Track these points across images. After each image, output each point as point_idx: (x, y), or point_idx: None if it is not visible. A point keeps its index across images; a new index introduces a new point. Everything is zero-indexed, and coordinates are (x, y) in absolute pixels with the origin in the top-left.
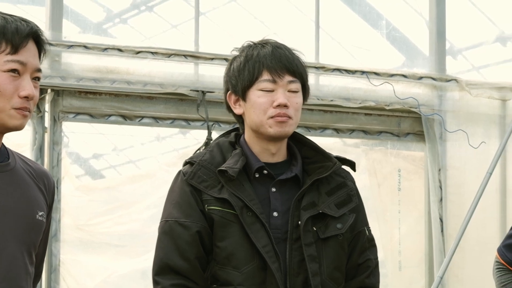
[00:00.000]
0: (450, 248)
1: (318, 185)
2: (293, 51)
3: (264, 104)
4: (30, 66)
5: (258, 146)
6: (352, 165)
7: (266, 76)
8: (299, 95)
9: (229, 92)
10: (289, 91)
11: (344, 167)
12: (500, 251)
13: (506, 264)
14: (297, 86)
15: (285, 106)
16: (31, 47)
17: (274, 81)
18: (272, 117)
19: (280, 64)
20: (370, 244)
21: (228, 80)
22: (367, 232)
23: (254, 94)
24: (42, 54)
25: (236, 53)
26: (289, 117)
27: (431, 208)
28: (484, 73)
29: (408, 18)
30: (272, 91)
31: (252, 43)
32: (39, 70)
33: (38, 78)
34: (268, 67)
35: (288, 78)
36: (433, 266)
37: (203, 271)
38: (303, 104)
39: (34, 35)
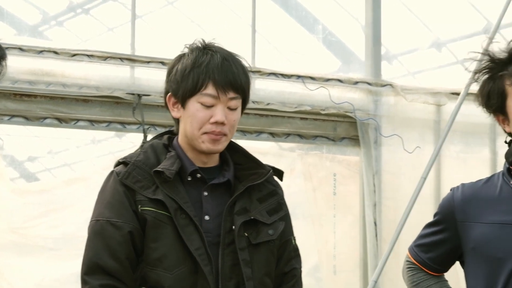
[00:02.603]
0: (385, 253)
1: (250, 191)
2: (240, 61)
3: (202, 118)
4: None
5: (191, 152)
6: (280, 174)
7: (210, 90)
8: (238, 111)
9: (169, 94)
10: (228, 107)
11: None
12: (411, 250)
13: (418, 264)
14: (237, 103)
15: (222, 123)
16: None
17: (216, 97)
18: (206, 133)
19: (226, 79)
20: (295, 253)
21: (170, 82)
22: (293, 241)
23: (194, 106)
24: None
25: (186, 50)
26: (224, 135)
27: (366, 212)
28: (419, 78)
29: (344, 23)
30: (212, 106)
31: (201, 46)
32: None
33: None
34: (214, 81)
35: (231, 94)
36: (368, 270)
37: (133, 272)
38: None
39: None
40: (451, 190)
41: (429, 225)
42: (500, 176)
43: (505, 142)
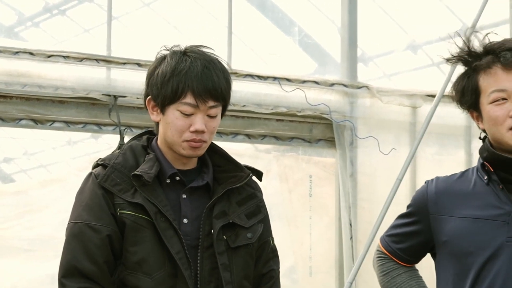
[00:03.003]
0: (360, 254)
1: (230, 194)
2: (220, 65)
3: (181, 126)
4: None
5: (170, 155)
6: (259, 175)
7: (189, 99)
8: (218, 118)
9: (149, 97)
10: (208, 115)
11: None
12: (383, 240)
13: (388, 254)
14: (217, 110)
15: (202, 131)
16: None
17: (196, 106)
18: (186, 141)
19: (205, 89)
20: (273, 254)
21: (150, 86)
22: (271, 242)
23: (173, 113)
24: None
25: (165, 52)
26: (204, 142)
27: (342, 214)
28: (395, 80)
29: (320, 25)
30: (191, 114)
31: (183, 50)
32: None
33: None
34: (192, 91)
35: (210, 103)
36: (343, 271)
37: (111, 276)
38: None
39: None
40: (425, 182)
41: (401, 216)
42: (474, 171)
43: (479, 138)
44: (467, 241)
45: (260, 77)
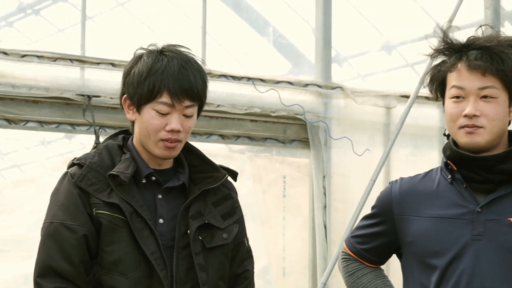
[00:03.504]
0: (334, 255)
1: (205, 195)
2: (197, 64)
3: (157, 126)
4: None
5: (145, 154)
6: (234, 175)
7: (165, 98)
8: (193, 118)
9: (124, 96)
10: (184, 115)
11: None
12: (347, 242)
13: (353, 255)
14: (193, 110)
15: (178, 131)
16: None
17: (172, 105)
18: (162, 140)
19: (181, 89)
20: (248, 255)
21: (126, 85)
22: (246, 243)
23: (149, 112)
24: None
25: (141, 51)
26: (179, 141)
27: (315, 214)
28: (369, 81)
29: (294, 25)
30: (167, 114)
31: (159, 49)
32: None
33: None
34: (169, 90)
35: (186, 103)
36: (317, 272)
37: (87, 276)
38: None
39: None
40: (389, 183)
41: (366, 217)
42: (438, 170)
43: (444, 134)
44: (432, 241)
45: (234, 78)
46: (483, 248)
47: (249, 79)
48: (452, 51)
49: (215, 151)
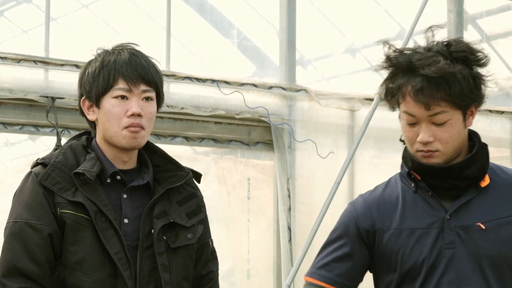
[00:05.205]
0: (298, 257)
1: (169, 194)
2: (149, 59)
3: (118, 113)
4: None
5: (110, 153)
6: (198, 177)
7: (121, 84)
8: (153, 104)
9: (83, 97)
10: (143, 99)
11: None
12: (313, 275)
13: (326, 285)
14: (151, 94)
15: (139, 115)
16: None
17: (129, 90)
18: (126, 127)
19: (135, 72)
20: (212, 256)
21: (82, 86)
22: (210, 244)
23: (108, 102)
24: None
25: (92, 57)
26: (142, 128)
27: (280, 217)
28: (334, 83)
29: (259, 28)
30: (126, 99)
31: (108, 49)
32: None
33: None
34: (123, 76)
35: (143, 87)
36: (281, 274)
37: (51, 275)
38: (157, 112)
39: None
40: (350, 204)
41: (328, 244)
42: (397, 179)
43: (400, 140)
44: (406, 255)
45: (198, 80)
46: (456, 256)
47: (213, 81)
48: (398, 70)
49: (180, 153)
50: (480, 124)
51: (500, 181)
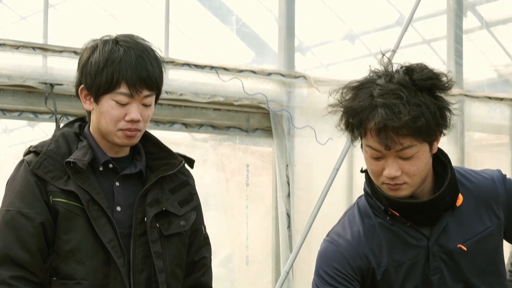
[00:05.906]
0: (297, 244)
1: (162, 182)
2: (153, 53)
3: (116, 116)
4: None
5: (103, 143)
6: (191, 163)
7: (123, 89)
8: (152, 107)
9: (81, 86)
10: (143, 104)
11: None
12: None
13: None
14: (151, 99)
15: (138, 121)
16: None
17: (130, 96)
18: (122, 130)
19: (139, 79)
20: (205, 242)
21: (84, 75)
22: (203, 230)
23: (108, 103)
24: None
25: (94, 43)
26: (139, 130)
27: (279, 203)
28: (332, 70)
29: (258, 14)
30: (126, 104)
31: (114, 39)
32: None
33: None
34: (127, 81)
35: (145, 92)
36: (280, 261)
37: (43, 264)
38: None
39: None
40: (331, 243)
41: None
42: (369, 213)
43: (361, 171)
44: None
45: (197, 66)
46: (443, 282)
47: (212, 68)
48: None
49: (178, 140)
50: (480, 111)
51: (469, 195)
